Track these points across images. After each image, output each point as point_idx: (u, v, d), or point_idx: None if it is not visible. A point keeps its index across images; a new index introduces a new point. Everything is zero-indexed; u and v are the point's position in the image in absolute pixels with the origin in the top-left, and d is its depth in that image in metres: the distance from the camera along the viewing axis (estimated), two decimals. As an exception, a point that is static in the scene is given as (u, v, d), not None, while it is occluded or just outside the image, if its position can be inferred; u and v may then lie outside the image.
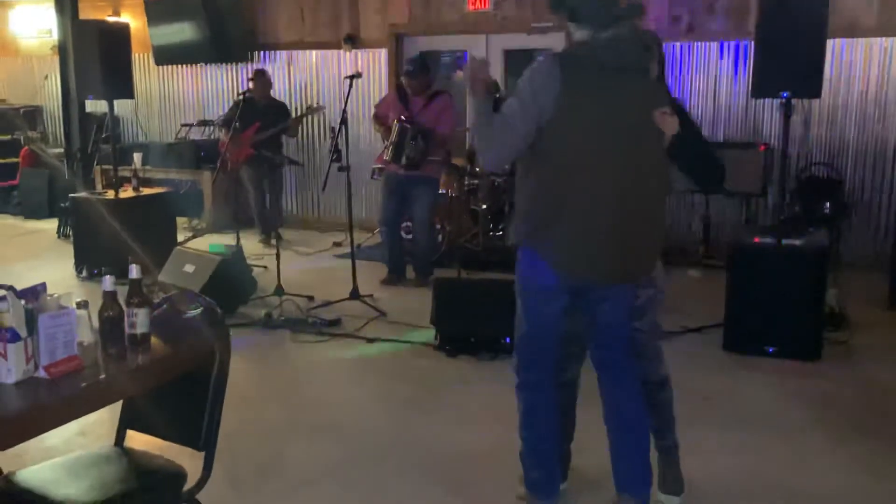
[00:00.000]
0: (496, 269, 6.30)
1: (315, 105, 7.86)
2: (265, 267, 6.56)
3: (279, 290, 5.58)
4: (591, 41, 2.58)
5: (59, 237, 8.13)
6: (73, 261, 6.66)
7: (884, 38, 6.58)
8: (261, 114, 7.37)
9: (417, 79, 6.03)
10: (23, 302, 2.07)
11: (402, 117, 5.89)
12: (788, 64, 4.40)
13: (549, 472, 2.89)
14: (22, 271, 6.65)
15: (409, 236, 6.53)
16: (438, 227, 6.75)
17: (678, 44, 7.21)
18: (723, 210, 7.18)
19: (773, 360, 4.48)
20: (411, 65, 6.13)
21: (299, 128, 8.05)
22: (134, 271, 2.29)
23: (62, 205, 7.98)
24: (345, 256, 6.58)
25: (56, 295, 2.18)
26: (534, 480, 2.88)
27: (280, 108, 7.69)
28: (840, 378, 4.28)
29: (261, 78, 7.64)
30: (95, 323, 2.30)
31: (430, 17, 8.07)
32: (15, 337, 2.00)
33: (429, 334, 4.82)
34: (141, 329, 2.28)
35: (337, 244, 7.63)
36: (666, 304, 5.63)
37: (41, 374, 2.04)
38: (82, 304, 2.25)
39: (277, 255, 5.81)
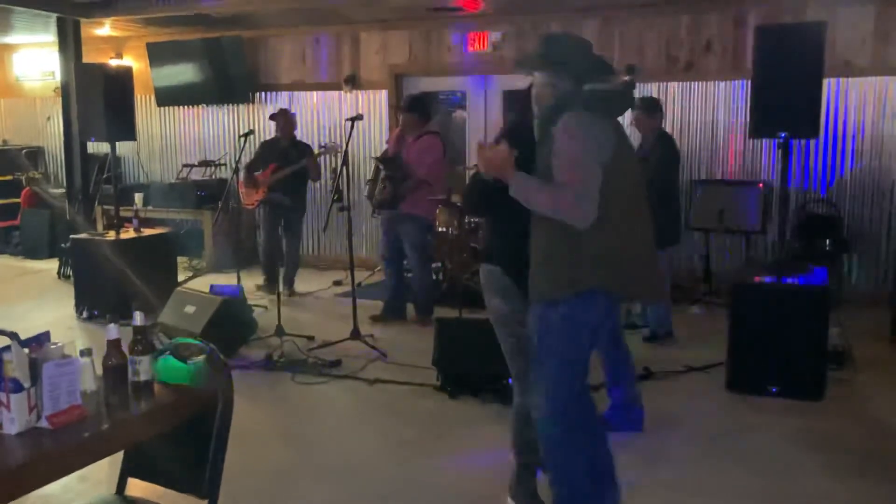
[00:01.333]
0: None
1: (330, 143, 7.55)
2: (265, 307, 6.56)
3: (280, 331, 5.57)
4: (583, 92, 2.83)
5: (59, 278, 8.12)
6: (73, 301, 6.64)
7: (877, 77, 6.67)
8: (281, 154, 7.03)
9: (406, 115, 6.08)
10: (26, 351, 2.06)
11: (379, 156, 5.95)
12: (786, 104, 4.45)
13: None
14: (22, 312, 6.64)
15: (410, 274, 6.54)
16: (438, 264, 6.75)
17: (676, 83, 7.29)
18: (723, 247, 7.20)
19: (776, 400, 4.45)
20: (405, 101, 6.23)
21: (321, 170, 7.44)
22: (138, 318, 2.29)
23: (63, 245, 8.00)
24: (345, 295, 6.58)
25: (60, 343, 2.17)
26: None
27: (303, 150, 7.18)
28: (844, 417, 4.26)
29: (283, 117, 7.23)
30: (99, 370, 2.30)
31: (430, 58, 8.17)
32: (18, 387, 1.99)
33: (431, 375, 4.80)
34: (144, 376, 2.28)
35: (337, 283, 7.63)
36: (669, 342, 5.67)
37: (44, 423, 2.03)
38: (85, 352, 2.25)
39: (278, 296, 5.81)
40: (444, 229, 6.91)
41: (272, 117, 7.34)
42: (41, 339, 2.17)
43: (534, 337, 2.89)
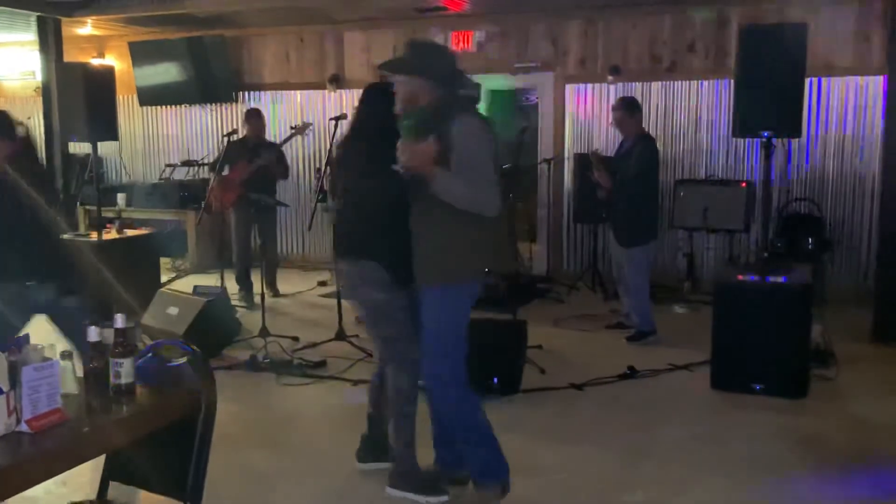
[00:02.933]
0: (483, 306, 6.30)
1: (301, 123, 7.24)
2: (249, 308, 6.52)
3: (264, 332, 5.54)
4: (461, 97, 3.17)
5: (40, 279, 8.02)
6: (55, 303, 6.57)
7: (859, 77, 6.73)
8: (250, 154, 6.86)
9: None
10: (6, 354, 2.04)
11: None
12: (768, 103, 4.47)
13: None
14: (3, 314, 6.57)
15: None
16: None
17: (659, 83, 7.32)
18: (707, 247, 7.25)
19: (760, 398, 4.48)
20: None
21: (288, 168, 7.30)
22: (119, 321, 2.27)
23: (45, 246, 7.90)
24: (330, 296, 6.56)
25: (40, 346, 2.15)
26: (498, 456, 3.23)
27: (269, 149, 7.02)
28: (827, 415, 4.28)
29: (256, 118, 7.12)
30: (80, 372, 2.27)
31: (414, 58, 8.14)
32: (-3, 391, 1.97)
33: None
34: (126, 379, 2.26)
35: (322, 283, 7.61)
36: (653, 340, 5.70)
37: (23, 427, 2.01)
38: (66, 355, 2.23)
39: (262, 296, 5.78)
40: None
41: (247, 117, 7.17)
42: (20, 342, 2.15)
43: (431, 316, 3.12)
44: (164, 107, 9.36)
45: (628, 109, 5.57)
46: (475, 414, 3.24)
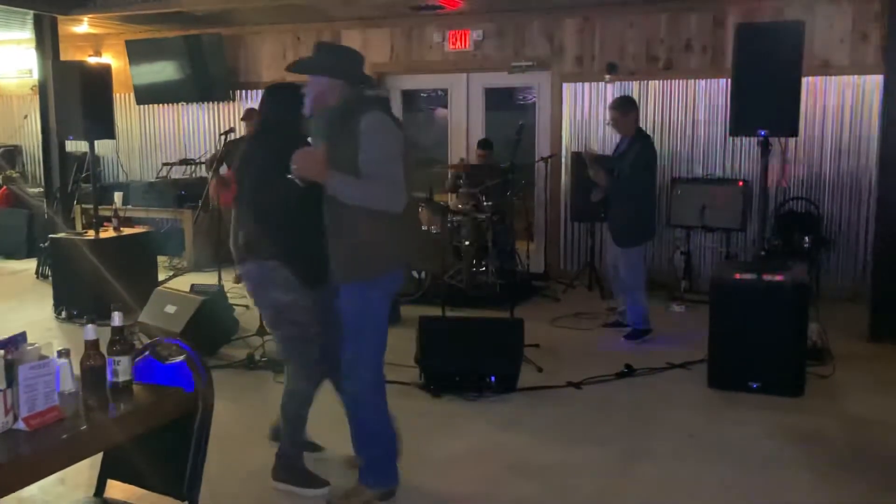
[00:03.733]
0: (480, 305, 6.33)
1: None
2: (247, 307, 6.51)
3: (261, 330, 5.53)
4: (370, 96, 3.20)
5: (37, 278, 8.03)
6: (52, 302, 6.58)
7: (856, 76, 6.73)
8: None
9: None
10: (2, 352, 2.04)
11: None
12: (765, 102, 4.47)
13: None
14: (0, 312, 6.56)
15: None
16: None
17: (656, 81, 7.32)
18: (704, 245, 7.26)
19: (756, 396, 4.49)
20: None
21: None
22: (116, 319, 2.27)
23: (41, 245, 7.91)
24: (328, 295, 6.55)
25: (37, 344, 2.15)
26: (391, 466, 3.33)
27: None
28: (823, 413, 4.29)
29: (257, 115, 7.33)
30: (77, 370, 2.27)
31: (412, 57, 8.16)
32: (-6, 389, 1.97)
33: (413, 373, 4.79)
34: (123, 377, 2.26)
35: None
36: (649, 338, 5.72)
37: (20, 426, 2.00)
38: (63, 353, 2.23)
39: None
40: (427, 228, 6.90)
41: (245, 116, 7.26)
42: (17, 341, 2.15)
43: (349, 316, 3.15)
44: (160, 105, 9.35)
45: (623, 109, 5.57)
46: (381, 413, 3.30)
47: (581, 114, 7.65)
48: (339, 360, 3.25)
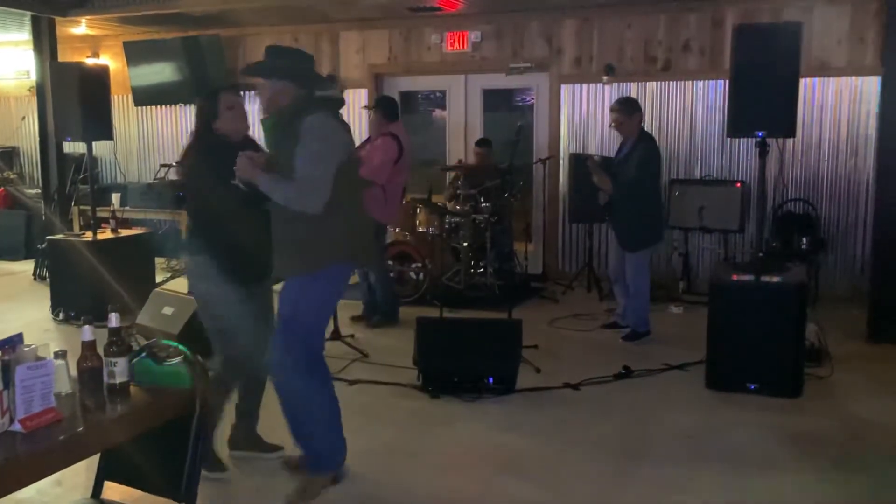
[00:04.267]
0: (479, 306, 6.33)
1: None
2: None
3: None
4: (318, 98, 3.29)
5: (35, 279, 8.02)
6: (49, 303, 6.57)
7: (854, 77, 6.74)
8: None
9: (373, 113, 6.06)
10: (-1, 353, 2.03)
11: None
12: (763, 104, 4.47)
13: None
14: (-3, 314, 6.56)
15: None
16: (419, 265, 6.74)
17: (654, 83, 7.33)
18: (702, 246, 7.26)
19: (755, 397, 4.48)
20: (374, 99, 6.21)
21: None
22: (113, 320, 2.26)
23: (39, 246, 7.90)
24: (326, 296, 6.54)
25: (34, 346, 2.15)
26: (338, 450, 3.42)
27: (252, 145, 7.21)
28: (821, 414, 4.29)
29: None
30: (74, 372, 2.27)
31: (410, 58, 8.16)
32: (-10, 390, 1.96)
33: (412, 375, 4.79)
34: (120, 378, 2.26)
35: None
36: (648, 340, 5.71)
37: (17, 427, 2.00)
38: (60, 354, 2.23)
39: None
40: (425, 229, 6.91)
41: None
42: (14, 342, 2.14)
43: (285, 305, 3.25)
44: (159, 106, 9.34)
45: (626, 110, 5.52)
46: (317, 403, 3.35)
47: (579, 115, 7.65)
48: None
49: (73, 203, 8.41)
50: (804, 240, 6.57)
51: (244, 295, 3.43)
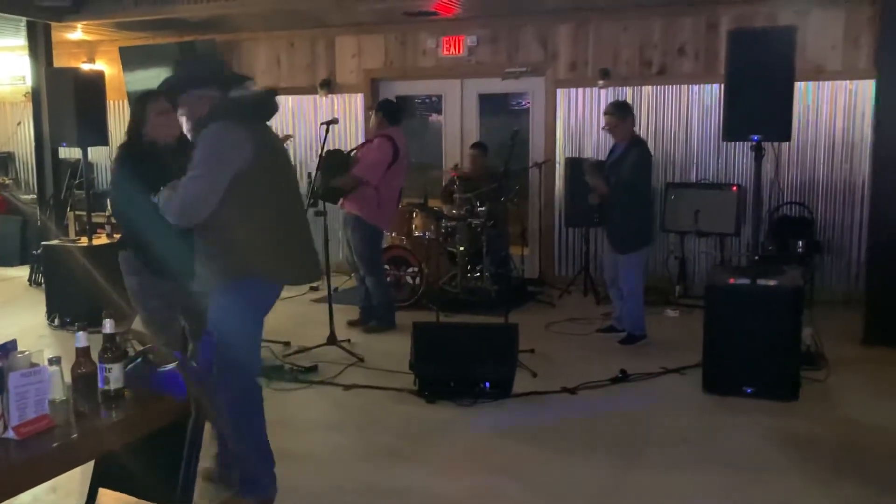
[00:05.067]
0: (475, 310, 6.33)
1: (281, 136, 7.63)
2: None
3: (256, 337, 5.51)
4: (229, 101, 3.12)
5: (30, 285, 8.00)
6: (45, 309, 6.55)
7: (848, 81, 6.76)
8: None
9: (374, 115, 6.09)
10: (-7, 360, 2.03)
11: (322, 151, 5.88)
12: (758, 108, 4.48)
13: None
14: (-8, 321, 6.54)
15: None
16: (415, 269, 6.74)
17: (650, 87, 7.34)
18: (698, 250, 7.27)
19: (751, 401, 4.48)
20: (378, 102, 6.23)
21: None
22: (108, 326, 2.26)
23: (34, 252, 7.87)
24: (321, 301, 6.55)
25: (28, 352, 2.14)
26: (269, 475, 3.23)
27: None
28: (818, 418, 4.29)
29: None
30: (68, 378, 2.26)
31: (406, 63, 8.16)
32: (-17, 397, 1.96)
33: (408, 379, 4.78)
34: (115, 385, 2.25)
35: (313, 288, 7.58)
36: (645, 343, 5.72)
37: (10, 434, 1.99)
38: (54, 361, 2.22)
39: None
40: (421, 233, 6.90)
41: None
42: (8, 348, 2.14)
43: (212, 324, 3.17)
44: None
45: (619, 113, 5.55)
46: (255, 424, 3.23)
47: (575, 119, 7.66)
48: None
49: (68, 208, 8.39)
50: (800, 243, 6.58)
51: (169, 289, 3.52)
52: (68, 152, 8.21)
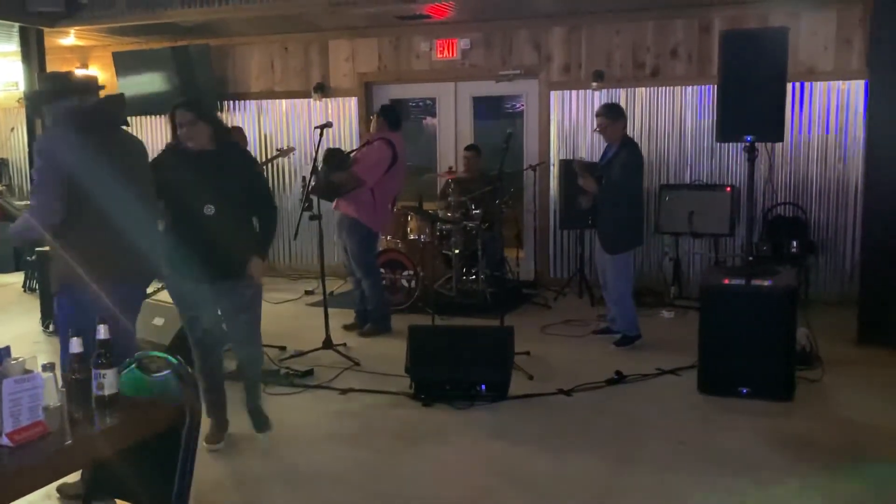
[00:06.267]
0: (470, 313, 6.33)
1: (285, 147, 7.72)
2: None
3: (251, 341, 5.50)
4: (59, 111, 3.25)
5: (24, 291, 7.98)
6: (39, 315, 6.53)
7: (841, 81, 6.79)
8: None
9: (376, 118, 6.09)
10: (-14, 367, 2.02)
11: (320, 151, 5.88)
12: (751, 108, 4.50)
13: None
14: (-14, 327, 6.51)
15: None
16: (411, 272, 6.73)
17: (643, 89, 7.36)
18: (692, 251, 7.28)
19: (746, 402, 4.49)
20: (380, 107, 6.24)
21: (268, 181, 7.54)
22: (101, 331, 2.25)
23: (28, 258, 7.85)
24: (317, 304, 6.54)
25: (21, 358, 2.13)
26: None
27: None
28: (813, 418, 4.30)
29: (239, 133, 7.11)
30: (62, 384, 2.25)
31: (400, 66, 8.17)
32: (-23, 404, 1.95)
33: (404, 383, 4.78)
34: (109, 390, 2.24)
35: (309, 292, 7.58)
36: (640, 344, 5.73)
37: (4, 441, 1.98)
38: (48, 367, 2.21)
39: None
40: (416, 236, 6.90)
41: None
42: (1, 355, 2.13)
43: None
44: (148, 116, 9.31)
45: (611, 115, 5.58)
46: None
47: (569, 121, 7.67)
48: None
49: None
50: (794, 243, 6.60)
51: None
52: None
